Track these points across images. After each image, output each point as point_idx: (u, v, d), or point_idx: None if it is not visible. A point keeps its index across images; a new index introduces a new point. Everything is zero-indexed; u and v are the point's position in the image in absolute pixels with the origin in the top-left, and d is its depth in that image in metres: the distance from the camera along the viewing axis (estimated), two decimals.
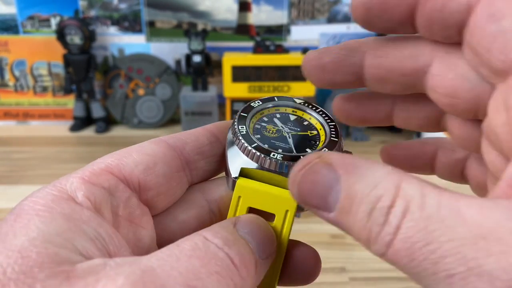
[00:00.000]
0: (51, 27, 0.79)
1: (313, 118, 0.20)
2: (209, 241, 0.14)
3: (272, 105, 0.20)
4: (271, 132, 0.19)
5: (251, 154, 0.18)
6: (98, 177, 0.16)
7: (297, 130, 0.19)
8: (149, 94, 0.82)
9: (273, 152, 0.18)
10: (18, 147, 0.75)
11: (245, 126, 0.19)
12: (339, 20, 0.80)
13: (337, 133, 0.19)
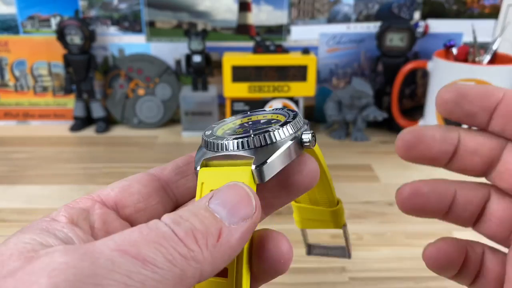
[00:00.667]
0: (51, 27, 0.79)
1: (280, 115, 0.21)
2: (160, 220, 0.15)
3: (243, 116, 0.22)
4: (238, 132, 0.20)
5: (209, 144, 0.19)
6: (78, 202, 0.19)
7: (262, 126, 0.20)
8: (149, 94, 0.82)
9: (226, 137, 0.19)
10: (18, 147, 0.75)
11: (211, 131, 0.21)
12: (339, 20, 0.79)
13: (294, 116, 0.20)
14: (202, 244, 0.15)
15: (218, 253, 0.15)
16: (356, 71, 0.83)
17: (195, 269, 0.15)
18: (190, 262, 0.14)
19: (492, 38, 0.77)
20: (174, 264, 0.14)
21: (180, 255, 0.14)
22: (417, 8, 0.79)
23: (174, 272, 0.14)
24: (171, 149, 0.74)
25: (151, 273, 0.13)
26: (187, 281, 0.14)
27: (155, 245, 0.14)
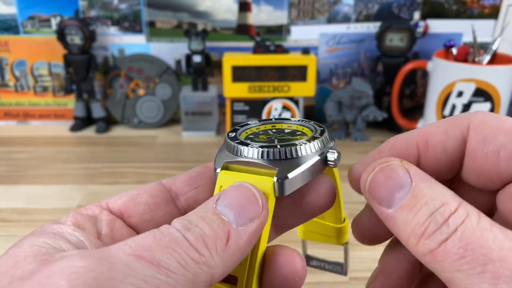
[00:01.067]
0: (52, 27, 0.79)
1: (306, 128, 0.22)
2: (171, 225, 0.15)
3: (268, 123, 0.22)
4: (261, 139, 0.20)
5: (232, 147, 0.19)
6: (87, 209, 0.19)
7: (287, 137, 0.21)
8: (149, 94, 0.82)
9: (251, 143, 0.19)
10: (19, 147, 0.75)
11: (235, 133, 0.20)
12: (339, 20, 0.80)
13: (322, 132, 0.21)
14: (212, 249, 0.15)
15: (228, 256, 0.15)
16: (356, 71, 0.83)
17: (206, 274, 0.15)
18: (202, 266, 0.15)
19: (492, 38, 0.77)
20: (187, 269, 0.14)
21: (193, 260, 0.15)
22: (417, 8, 0.79)
23: (187, 277, 0.14)
24: (171, 149, 0.74)
25: (165, 278, 0.14)
26: (199, 286, 0.15)
27: (168, 250, 0.14)
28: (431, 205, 0.15)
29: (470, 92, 0.65)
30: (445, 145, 0.17)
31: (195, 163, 0.69)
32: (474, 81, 0.65)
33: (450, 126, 0.17)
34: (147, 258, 0.14)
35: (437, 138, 0.17)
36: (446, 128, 0.17)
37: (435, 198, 0.15)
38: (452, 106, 0.68)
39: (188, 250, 0.15)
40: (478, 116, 0.17)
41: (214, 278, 0.15)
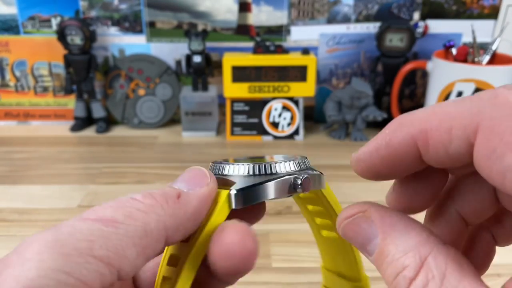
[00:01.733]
0: (52, 28, 0.79)
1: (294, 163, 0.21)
2: None
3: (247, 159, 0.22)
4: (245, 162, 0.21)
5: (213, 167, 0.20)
6: None
7: None
8: (150, 94, 0.82)
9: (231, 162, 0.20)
10: (19, 147, 0.75)
11: None
12: (339, 20, 0.80)
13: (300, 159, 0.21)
14: (161, 201, 0.16)
15: (180, 210, 0.16)
16: (356, 71, 0.83)
17: (157, 221, 0.15)
18: (150, 214, 0.15)
19: (491, 38, 0.77)
20: (134, 219, 0.15)
21: (139, 210, 0.15)
22: (417, 9, 0.79)
23: (136, 226, 0.15)
24: (171, 149, 0.74)
25: (113, 229, 0.14)
26: (154, 234, 0.15)
27: (113, 208, 0.15)
28: (395, 266, 0.15)
29: (469, 92, 0.66)
30: (447, 148, 0.15)
31: (195, 163, 0.69)
32: (473, 81, 0.65)
33: (455, 123, 0.14)
34: (91, 218, 0.15)
35: (438, 138, 0.15)
36: (450, 125, 0.14)
37: (398, 257, 0.15)
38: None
39: (133, 204, 0.16)
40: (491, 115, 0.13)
41: (169, 228, 0.16)
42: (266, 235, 0.49)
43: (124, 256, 0.14)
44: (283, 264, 0.45)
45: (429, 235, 0.15)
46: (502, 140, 0.13)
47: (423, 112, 0.15)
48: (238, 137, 0.78)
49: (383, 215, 0.16)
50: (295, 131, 0.78)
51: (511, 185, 0.13)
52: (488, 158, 0.13)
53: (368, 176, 0.18)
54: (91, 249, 0.14)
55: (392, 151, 0.16)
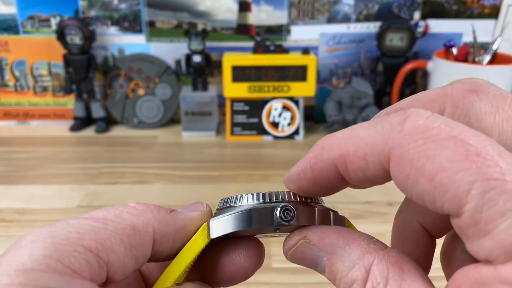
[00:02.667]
0: (51, 27, 0.79)
1: None
2: None
3: None
4: None
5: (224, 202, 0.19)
6: None
7: None
8: (149, 94, 0.82)
9: None
10: (18, 147, 0.75)
11: None
12: (339, 20, 0.79)
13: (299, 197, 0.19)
14: (153, 208, 0.17)
15: (169, 220, 0.18)
16: (356, 71, 0.83)
17: (145, 223, 0.17)
18: (139, 217, 0.17)
19: (492, 38, 0.77)
20: (123, 218, 0.16)
21: (129, 213, 0.17)
22: (417, 8, 0.79)
23: (125, 224, 0.16)
24: (171, 149, 0.74)
25: (103, 225, 0.15)
26: (142, 234, 0.16)
27: (104, 210, 0.16)
28: (344, 281, 0.16)
29: None
30: (365, 173, 0.15)
31: (195, 163, 0.70)
32: None
33: (369, 150, 0.15)
34: (84, 217, 0.16)
35: (356, 164, 0.15)
36: (365, 152, 0.15)
37: (346, 274, 0.16)
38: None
39: (125, 208, 0.17)
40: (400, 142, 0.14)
41: (157, 232, 0.17)
42: None
43: (111, 249, 0.15)
44: (283, 265, 0.45)
45: (369, 244, 0.16)
46: (413, 166, 0.13)
47: (342, 135, 0.16)
48: (238, 137, 0.78)
49: (322, 236, 0.17)
50: (295, 131, 0.78)
51: (430, 205, 0.14)
52: (404, 183, 0.14)
53: (301, 194, 0.18)
54: (81, 239, 0.15)
55: (316, 174, 0.17)
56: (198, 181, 0.62)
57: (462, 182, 0.13)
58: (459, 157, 0.13)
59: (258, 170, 0.66)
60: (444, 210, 0.13)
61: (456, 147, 0.13)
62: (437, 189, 0.13)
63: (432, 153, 0.13)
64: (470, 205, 0.12)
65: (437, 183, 0.13)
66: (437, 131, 0.14)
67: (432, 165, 0.13)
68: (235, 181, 0.63)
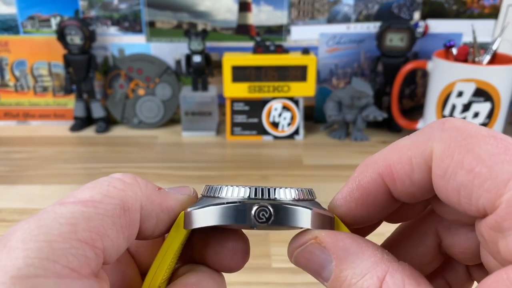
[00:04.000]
0: (51, 27, 0.79)
1: None
2: None
3: None
4: None
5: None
6: None
7: None
8: (149, 94, 0.82)
9: None
10: (18, 147, 0.75)
11: None
12: (339, 20, 0.80)
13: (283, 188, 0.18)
14: (141, 182, 0.17)
15: (156, 198, 0.17)
16: (356, 71, 0.83)
17: (134, 199, 0.16)
18: (127, 192, 0.16)
19: (492, 38, 0.77)
20: (112, 196, 0.15)
21: (116, 188, 0.16)
22: (417, 8, 0.79)
23: (115, 204, 0.15)
24: (171, 149, 0.74)
25: (92, 209, 0.15)
26: (131, 212, 0.16)
27: (89, 189, 0.15)
28: None
29: (470, 92, 0.65)
30: (412, 178, 0.16)
31: (195, 163, 0.70)
32: (474, 81, 0.65)
33: (413, 152, 0.15)
34: (69, 201, 0.15)
35: (402, 170, 0.16)
36: (409, 156, 0.16)
37: (355, 282, 0.15)
38: (452, 106, 0.68)
39: (110, 183, 0.16)
40: (442, 138, 0.15)
41: (143, 209, 0.16)
42: (266, 235, 0.49)
43: (106, 235, 0.15)
44: (283, 265, 0.45)
45: (383, 254, 0.15)
46: (453, 159, 0.14)
47: (384, 150, 0.17)
48: (238, 137, 0.78)
49: (335, 239, 0.16)
50: (295, 131, 0.78)
51: (466, 201, 0.14)
52: (443, 177, 0.14)
53: (348, 222, 0.18)
54: (74, 232, 0.14)
55: (363, 191, 0.17)
56: (198, 181, 0.62)
57: (501, 173, 0.13)
58: (499, 150, 0.13)
59: (258, 170, 0.66)
60: (479, 204, 0.13)
61: (496, 142, 0.14)
62: (476, 180, 0.13)
63: (472, 146, 0.14)
64: (508, 195, 0.13)
65: (477, 173, 0.13)
66: (477, 129, 0.14)
67: (472, 157, 0.14)
68: (235, 181, 0.63)
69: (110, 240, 0.15)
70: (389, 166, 0.16)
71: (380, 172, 0.16)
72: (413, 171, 0.15)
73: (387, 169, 0.16)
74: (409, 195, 0.16)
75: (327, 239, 0.16)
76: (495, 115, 0.67)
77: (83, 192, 0.15)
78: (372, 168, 0.17)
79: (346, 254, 0.15)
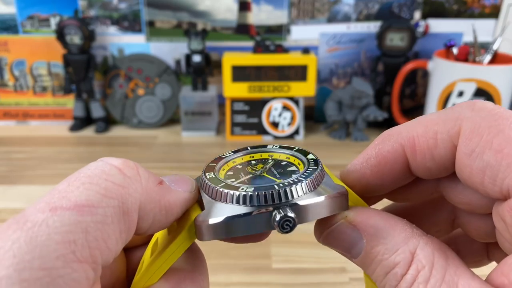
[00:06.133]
0: (51, 27, 0.79)
1: (291, 157, 0.19)
2: None
3: (245, 153, 0.20)
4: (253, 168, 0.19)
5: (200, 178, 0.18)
6: None
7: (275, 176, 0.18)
8: (149, 94, 0.81)
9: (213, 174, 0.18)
10: (18, 147, 0.75)
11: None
12: (339, 20, 0.79)
13: (316, 162, 0.18)
14: (142, 174, 0.15)
15: (156, 195, 0.15)
16: (356, 71, 0.83)
17: (134, 198, 0.14)
18: (128, 190, 0.14)
19: (492, 38, 0.77)
20: (111, 196, 0.14)
21: (115, 184, 0.14)
22: (418, 8, 0.79)
23: (114, 205, 0.13)
24: (171, 149, 0.74)
25: (90, 217, 0.13)
26: (130, 215, 0.14)
27: (84, 186, 0.14)
28: (385, 264, 0.15)
29: (470, 92, 0.65)
30: (433, 153, 0.16)
31: (195, 163, 0.69)
32: (474, 80, 0.64)
33: (439, 128, 0.16)
34: (63, 206, 0.13)
35: (425, 144, 0.16)
36: (435, 130, 0.16)
37: (387, 257, 0.15)
38: (453, 106, 0.68)
39: (108, 176, 0.14)
40: (472, 118, 0.15)
41: (141, 209, 0.15)
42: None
43: (106, 247, 0.13)
44: (283, 265, 0.45)
45: (412, 229, 0.16)
46: (482, 139, 0.14)
47: (409, 122, 0.17)
48: (238, 137, 0.78)
49: (365, 217, 0.16)
50: (295, 131, 0.78)
51: (490, 181, 0.14)
52: (469, 156, 0.15)
53: (359, 189, 0.18)
54: (73, 252, 0.12)
55: (381, 159, 0.17)
56: None
57: None
58: None
59: None
60: (503, 185, 0.14)
61: None
62: (504, 161, 0.14)
63: (502, 128, 0.14)
64: None
65: (505, 154, 0.14)
66: (508, 113, 0.14)
67: (502, 139, 0.14)
68: None
69: (110, 251, 0.13)
70: (412, 138, 0.16)
71: (403, 143, 0.16)
72: (437, 146, 0.16)
73: (410, 140, 0.16)
74: (426, 170, 0.16)
75: (357, 218, 0.16)
76: None
77: (78, 191, 0.13)
78: (395, 138, 0.17)
79: (377, 231, 0.16)
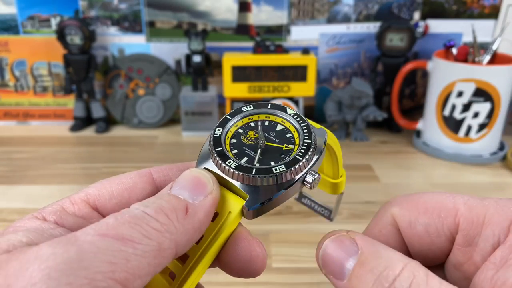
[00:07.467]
0: (51, 27, 0.79)
1: (296, 132, 0.21)
2: (130, 207, 0.17)
3: (262, 112, 0.22)
4: (249, 139, 0.20)
5: (214, 158, 0.20)
6: (74, 206, 0.19)
7: (274, 142, 0.20)
8: (149, 94, 0.82)
9: (231, 160, 0.19)
10: (18, 147, 0.75)
11: (222, 128, 0.20)
12: (339, 20, 0.79)
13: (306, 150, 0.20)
14: (172, 218, 0.17)
15: (189, 224, 0.17)
16: (356, 71, 0.83)
17: (170, 240, 0.16)
18: (164, 234, 0.16)
19: (492, 38, 0.77)
20: (150, 238, 0.16)
21: (154, 229, 0.16)
22: (417, 8, 0.79)
23: (152, 246, 0.16)
24: (171, 149, 0.74)
25: (131, 249, 0.15)
26: (166, 253, 0.16)
27: (130, 224, 0.16)
28: (375, 270, 0.16)
29: (470, 92, 0.65)
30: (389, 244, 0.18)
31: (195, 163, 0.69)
32: (474, 81, 0.65)
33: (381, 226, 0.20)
34: (111, 235, 0.15)
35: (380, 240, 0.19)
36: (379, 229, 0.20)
37: (379, 262, 0.16)
38: (452, 106, 0.68)
39: (148, 222, 0.16)
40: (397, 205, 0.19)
41: (179, 244, 0.17)
42: (266, 235, 0.49)
43: (139, 276, 0.15)
44: (283, 265, 0.45)
45: (404, 255, 0.17)
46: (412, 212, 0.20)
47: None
48: None
49: (365, 237, 0.18)
50: None
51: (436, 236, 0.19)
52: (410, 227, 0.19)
53: None
54: (113, 272, 0.14)
55: None
56: None
57: None
58: None
59: None
60: None
61: None
62: None
63: None
64: None
65: None
66: None
67: None
68: None
69: (141, 279, 0.15)
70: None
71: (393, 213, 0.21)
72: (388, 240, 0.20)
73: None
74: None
75: (358, 235, 0.18)
76: (495, 115, 0.67)
77: (123, 226, 0.16)
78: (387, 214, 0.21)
79: (373, 246, 0.17)
